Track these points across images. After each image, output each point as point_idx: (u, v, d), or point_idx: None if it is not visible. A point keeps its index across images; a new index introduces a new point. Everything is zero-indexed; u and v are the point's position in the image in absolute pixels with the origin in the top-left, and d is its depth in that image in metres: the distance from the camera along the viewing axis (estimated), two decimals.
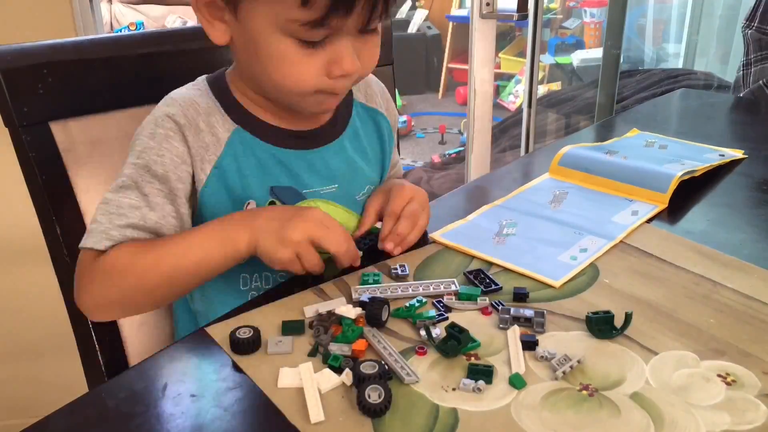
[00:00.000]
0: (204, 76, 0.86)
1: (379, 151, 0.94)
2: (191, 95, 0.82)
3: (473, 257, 0.79)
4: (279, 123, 0.83)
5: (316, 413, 0.55)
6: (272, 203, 0.81)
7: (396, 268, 0.76)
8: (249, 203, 0.81)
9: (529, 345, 0.63)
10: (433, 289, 0.72)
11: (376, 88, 0.95)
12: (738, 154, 1.09)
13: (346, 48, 0.73)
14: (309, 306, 0.69)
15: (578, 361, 0.60)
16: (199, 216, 0.81)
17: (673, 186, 0.92)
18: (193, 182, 0.80)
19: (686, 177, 0.95)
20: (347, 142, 0.88)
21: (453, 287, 0.72)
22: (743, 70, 1.77)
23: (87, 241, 0.75)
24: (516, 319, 0.66)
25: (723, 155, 1.07)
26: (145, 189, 0.76)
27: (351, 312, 0.67)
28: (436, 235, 0.83)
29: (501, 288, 0.72)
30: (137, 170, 0.77)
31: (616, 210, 0.90)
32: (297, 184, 0.83)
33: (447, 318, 0.67)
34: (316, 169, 0.85)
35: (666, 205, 0.91)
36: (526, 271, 0.75)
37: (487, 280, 0.73)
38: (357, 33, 0.73)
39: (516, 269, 0.76)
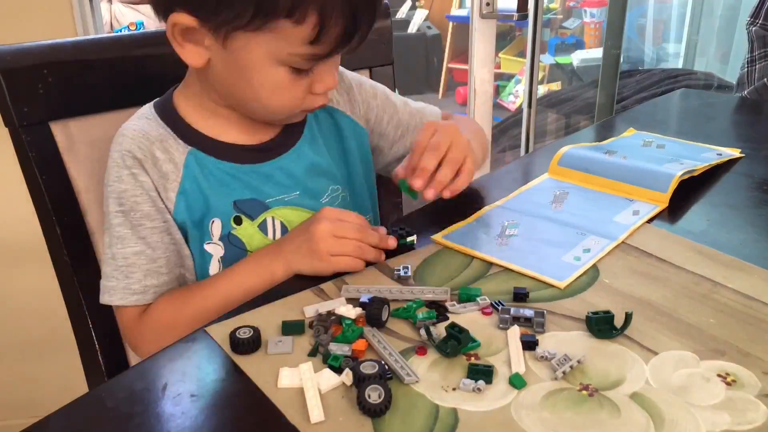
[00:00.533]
0: (150, 104, 0.87)
1: (340, 150, 0.95)
2: (140, 126, 0.84)
3: (474, 257, 0.79)
4: (234, 140, 0.86)
5: (316, 413, 0.55)
6: (237, 218, 0.84)
7: (398, 269, 0.76)
8: (213, 221, 0.84)
9: (529, 345, 0.63)
10: (425, 294, 0.71)
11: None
12: (735, 153, 1.09)
13: (331, 68, 0.79)
14: (309, 306, 0.69)
15: (578, 361, 0.60)
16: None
17: (673, 186, 0.92)
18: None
19: (686, 177, 0.95)
20: (306, 146, 0.90)
21: (445, 295, 0.71)
22: (747, 67, 1.77)
23: (112, 299, 0.81)
24: (516, 319, 0.66)
25: (720, 154, 1.07)
26: (141, 232, 0.81)
27: (351, 312, 0.67)
28: (437, 237, 0.82)
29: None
30: (125, 218, 0.81)
31: (617, 210, 0.90)
32: (258, 195, 0.85)
33: (447, 318, 0.67)
34: (274, 179, 0.87)
35: (666, 205, 0.91)
36: (530, 272, 0.75)
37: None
38: None
39: (520, 270, 0.76)
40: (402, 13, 5.10)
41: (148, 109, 0.86)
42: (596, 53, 4.13)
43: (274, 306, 0.70)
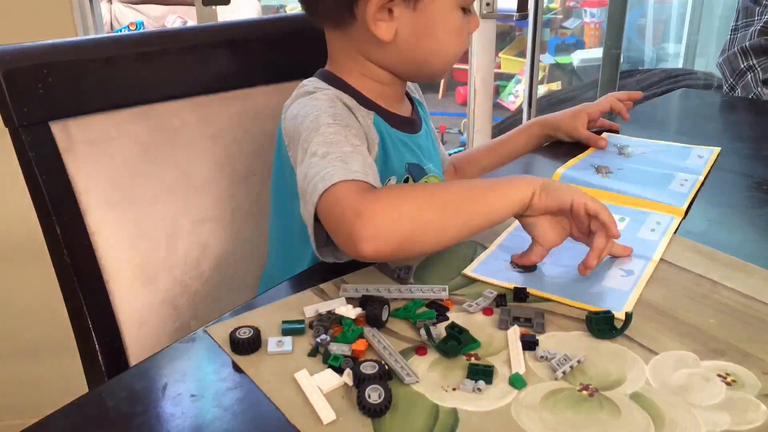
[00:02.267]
0: (311, 79, 0.89)
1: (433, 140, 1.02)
2: (330, 96, 0.83)
3: (496, 285, 0.73)
4: (392, 108, 0.92)
5: (326, 414, 0.55)
6: (406, 179, 0.90)
7: (399, 270, 0.75)
8: (390, 180, 0.88)
9: (529, 345, 0.63)
10: (423, 292, 0.71)
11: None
12: (713, 150, 1.09)
13: (474, 9, 0.90)
14: (309, 306, 0.69)
15: (578, 361, 0.60)
16: None
17: (687, 204, 0.90)
18: None
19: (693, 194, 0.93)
20: (425, 126, 0.99)
21: (443, 293, 0.71)
22: (730, 35, 1.81)
23: (332, 179, 0.69)
24: (516, 319, 0.66)
25: (701, 156, 1.07)
26: (354, 141, 0.75)
27: (351, 312, 0.67)
28: (467, 272, 0.76)
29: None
30: (339, 126, 0.76)
31: (638, 224, 0.86)
32: (419, 161, 0.93)
33: (447, 318, 0.67)
34: (423, 149, 0.95)
35: (682, 216, 0.88)
36: (581, 304, 0.69)
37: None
38: None
39: (570, 303, 0.70)
40: None
41: (315, 80, 0.88)
42: (596, 53, 4.13)
43: (274, 306, 0.70)
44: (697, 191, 0.96)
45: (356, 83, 0.89)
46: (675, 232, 0.84)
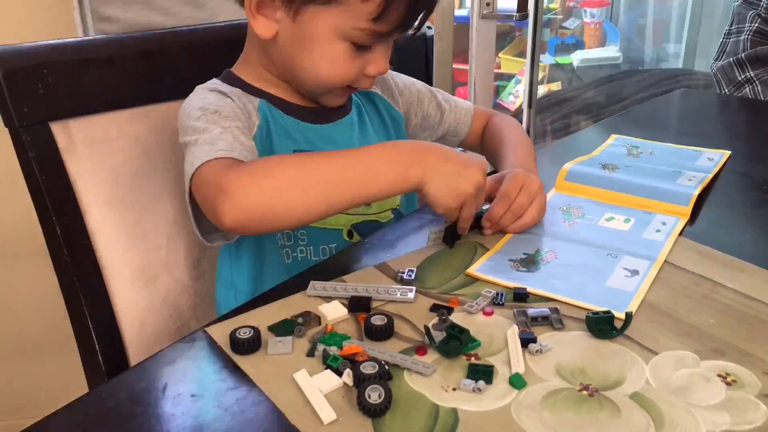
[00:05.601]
0: (211, 80, 0.91)
1: (382, 129, 1.00)
2: (214, 86, 0.87)
3: (500, 284, 0.74)
4: (294, 100, 0.91)
5: (326, 414, 0.55)
6: None
7: (402, 272, 0.75)
8: None
9: (528, 343, 0.63)
10: (390, 294, 0.71)
11: None
12: (724, 153, 1.08)
13: (385, 52, 0.84)
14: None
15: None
16: None
17: (692, 201, 0.89)
18: None
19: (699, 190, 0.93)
20: (354, 117, 0.96)
21: (410, 295, 0.71)
22: (723, 38, 1.82)
23: (196, 162, 0.73)
24: (534, 320, 0.66)
25: (712, 159, 1.07)
26: (224, 123, 0.79)
27: (330, 312, 0.67)
28: (471, 271, 0.77)
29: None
30: (207, 116, 0.79)
31: (643, 225, 0.86)
32: (313, 149, 0.89)
33: (446, 320, 0.67)
34: (332, 140, 0.91)
35: (688, 217, 0.88)
36: (586, 305, 0.69)
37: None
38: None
39: (574, 303, 0.70)
40: None
41: (210, 81, 0.90)
42: (596, 53, 4.13)
43: (274, 306, 0.70)
44: (704, 190, 0.95)
45: (248, 72, 0.90)
46: (680, 234, 0.84)
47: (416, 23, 0.82)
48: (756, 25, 1.71)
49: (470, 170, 0.76)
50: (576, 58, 4.11)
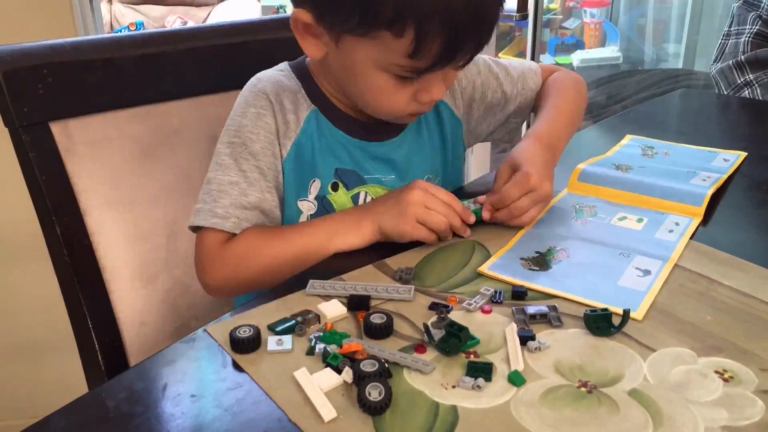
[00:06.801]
0: (286, 63, 0.92)
1: (440, 137, 0.98)
2: (277, 76, 0.89)
3: (510, 282, 0.74)
4: (351, 112, 0.90)
5: (326, 412, 0.55)
6: (335, 184, 0.89)
7: (401, 271, 0.76)
8: (313, 182, 0.89)
9: (527, 341, 0.63)
10: (389, 292, 0.71)
11: None
12: (740, 154, 1.08)
13: (436, 80, 0.80)
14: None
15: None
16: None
17: (706, 201, 0.89)
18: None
19: (713, 191, 0.93)
20: (409, 135, 0.94)
21: (409, 293, 0.71)
22: (722, 39, 1.81)
23: (195, 220, 0.83)
24: (533, 317, 0.67)
25: (728, 159, 1.06)
26: (243, 166, 0.84)
27: (330, 310, 0.67)
28: (483, 269, 0.77)
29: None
30: (234, 148, 0.85)
31: (656, 225, 0.86)
32: (359, 169, 0.90)
33: (445, 318, 0.67)
34: (377, 159, 0.91)
35: (701, 218, 0.88)
36: (599, 304, 0.69)
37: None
38: None
39: (586, 302, 0.70)
40: None
41: (284, 65, 0.92)
42: (596, 53, 4.14)
43: (273, 305, 0.70)
44: (719, 190, 0.95)
45: (320, 76, 0.90)
46: (693, 234, 0.83)
47: (467, 54, 0.77)
48: (757, 27, 1.71)
49: (406, 192, 0.81)
50: (576, 58, 4.11)
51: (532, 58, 2.12)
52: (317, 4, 0.78)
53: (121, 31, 4.01)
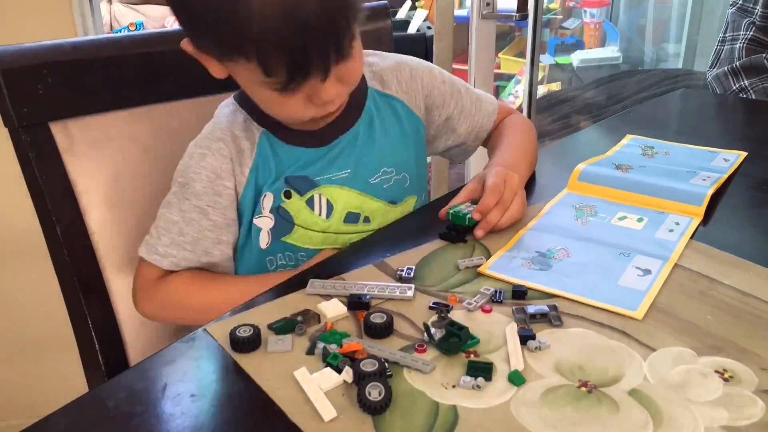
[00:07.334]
0: (232, 95, 0.93)
1: (398, 134, 0.97)
2: (225, 110, 0.92)
3: (510, 282, 0.74)
4: (297, 125, 0.88)
5: (327, 411, 0.55)
6: (287, 192, 0.88)
7: (401, 270, 0.76)
8: (264, 196, 0.88)
9: (527, 340, 0.63)
10: (389, 292, 0.71)
11: (391, 75, 0.98)
12: (740, 154, 1.08)
13: (317, 85, 0.78)
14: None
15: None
16: (239, 213, 0.90)
17: (706, 201, 0.89)
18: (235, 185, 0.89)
19: (713, 190, 0.93)
20: (362, 128, 0.94)
21: (409, 292, 0.71)
22: (717, 45, 1.81)
23: (141, 249, 0.88)
24: (533, 317, 0.67)
25: (728, 159, 1.06)
26: (183, 205, 0.87)
27: (330, 310, 0.67)
28: (483, 269, 0.77)
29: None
30: (179, 188, 0.88)
31: (656, 225, 0.86)
32: (309, 173, 0.89)
33: (446, 318, 0.67)
34: (328, 158, 0.91)
35: (701, 217, 0.88)
36: (598, 303, 0.69)
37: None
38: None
39: (587, 302, 0.70)
40: (402, 13, 5.09)
41: (230, 99, 0.94)
42: (596, 53, 4.14)
43: (273, 304, 0.70)
44: (719, 190, 0.95)
45: None
46: (693, 234, 0.83)
47: (324, 66, 0.75)
48: (751, 33, 1.71)
49: None
50: (576, 58, 4.11)
51: (532, 58, 2.11)
52: (190, 34, 0.81)
53: (121, 31, 4.01)
